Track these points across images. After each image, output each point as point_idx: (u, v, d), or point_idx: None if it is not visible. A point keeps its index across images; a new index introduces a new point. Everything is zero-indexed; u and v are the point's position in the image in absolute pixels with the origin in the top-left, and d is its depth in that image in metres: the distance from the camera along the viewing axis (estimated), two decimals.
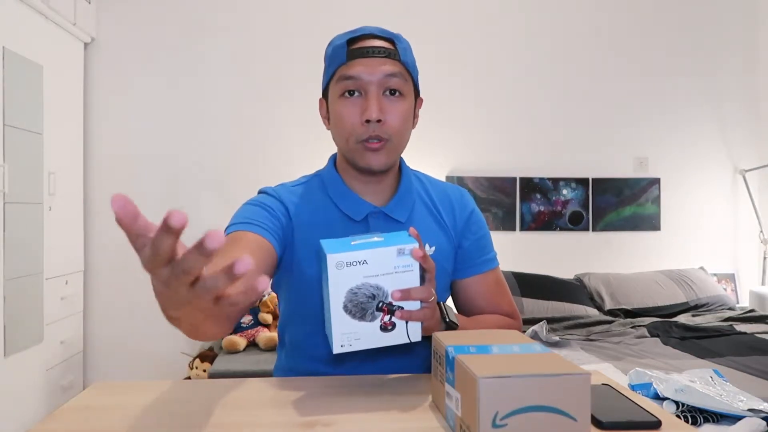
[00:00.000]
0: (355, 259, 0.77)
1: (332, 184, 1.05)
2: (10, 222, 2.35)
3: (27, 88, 2.52)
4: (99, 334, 3.18)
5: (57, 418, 0.74)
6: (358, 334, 0.80)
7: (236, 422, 0.73)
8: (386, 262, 0.78)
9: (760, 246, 3.54)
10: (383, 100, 0.96)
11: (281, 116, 3.28)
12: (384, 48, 0.97)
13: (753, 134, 3.63)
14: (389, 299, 0.79)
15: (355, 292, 0.78)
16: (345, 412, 0.76)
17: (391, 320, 0.80)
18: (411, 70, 1.01)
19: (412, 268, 0.79)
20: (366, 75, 0.95)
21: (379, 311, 0.79)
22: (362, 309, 0.79)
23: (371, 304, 0.79)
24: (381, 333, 0.80)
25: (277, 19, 3.31)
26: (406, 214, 1.03)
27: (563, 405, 0.61)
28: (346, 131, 0.98)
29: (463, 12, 3.43)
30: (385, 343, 0.81)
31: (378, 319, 0.80)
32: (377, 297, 0.79)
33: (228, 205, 3.21)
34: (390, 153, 0.99)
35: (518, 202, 3.44)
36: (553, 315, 2.89)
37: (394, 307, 0.80)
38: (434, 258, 1.02)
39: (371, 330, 0.80)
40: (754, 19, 3.65)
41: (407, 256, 0.79)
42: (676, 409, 1.53)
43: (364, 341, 0.80)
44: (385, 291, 0.79)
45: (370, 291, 0.79)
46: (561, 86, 3.50)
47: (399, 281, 0.79)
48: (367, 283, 0.78)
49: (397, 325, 0.81)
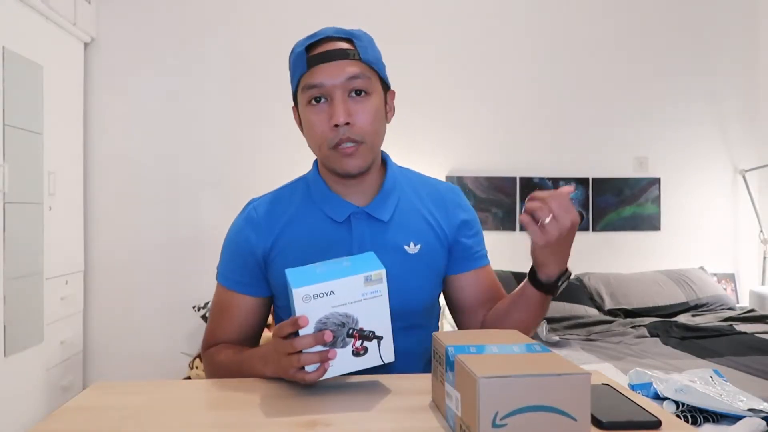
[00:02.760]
0: (321, 291, 0.77)
1: (315, 187, 1.06)
2: (10, 222, 2.35)
3: (27, 88, 2.52)
4: (99, 334, 3.18)
5: (57, 418, 0.74)
6: (333, 362, 0.80)
7: (236, 422, 0.73)
8: (353, 290, 0.78)
9: (760, 246, 3.54)
10: (349, 102, 0.96)
11: (281, 116, 3.28)
12: (342, 50, 0.96)
13: (753, 134, 3.63)
14: (359, 325, 0.80)
15: (324, 322, 0.78)
16: (345, 412, 0.76)
17: (363, 345, 0.81)
18: (375, 67, 1.00)
19: (380, 294, 0.80)
20: (328, 80, 0.94)
21: (350, 337, 0.80)
22: (333, 337, 0.79)
23: (341, 332, 0.79)
24: (354, 358, 0.81)
25: (277, 18, 3.31)
26: (389, 213, 1.03)
27: (563, 405, 0.61)
28: (317, 138, 0.98)
29: (464, 12, 3.43)
30: (359, 367, 0.81)
31: (349, 345, 0.80)
32: (347, 324, 0.79)
33: (227, 205, 3.22)
34: (365, 155, 0.98)
35: (518, 202, 3.44)
36: (553, 315, 2.89)
37: (365, 333, 0.80)
38: (421, 257, 1.04)
39: (343, 356, 0.80)
40: (754, 19, 3.65)
41: (375, 282, 0.79)
42: (676, 409, 1.53)
43: (338, 368, 0.80)
44: (354, 318, 0.79)
45: (339, 319, 0.79)
46: (561, 86, 3.50)
47: (368, 308, 0.79)
48: (335, 312, 0.78)
49: (370, 349, 0.81)
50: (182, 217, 3.24)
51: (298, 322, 0.77)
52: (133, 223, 3.21)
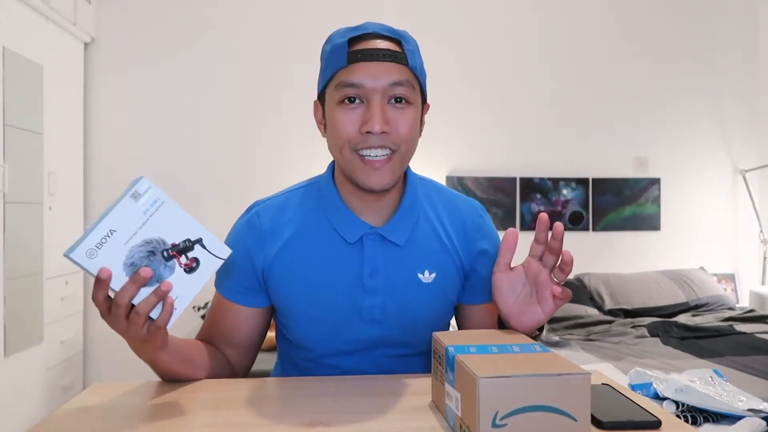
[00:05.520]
0: (98, 237, 0.68)
1: (328, 197, 0.95)
2: (10, 222, 2.35)
3: (27, 88, 2.52)
4: (99, 334, 3.17)
5: (57, 418, 0.74)
6: (174, 292, 0.72)
7: (236, 422, 0.73)
8: (132, 214, 0.70)
9: (760, 246, 3.54)
10: (388, 109, 0.86)
11: (281, 116, 3.28)
12: (390, 51, 0.86)
13: (753, 134, 3.63)
14: (169, 243, 0.71)
15: (131, 263, 0.69)
16: (345, 412, 0.76)
17: (189, 258, 0.72)
18: (419, 75, 0.91)
19: (161, 200, 0.71)
20: (369, 82, 0.84)
21: (170, 259, 0.72)
22: (150, 271, 0.69)
23: (157, 260, 0.71)
24: (192, 276, 0.73)
25: (277, 18, 3.31)
26: (406, 236, 0.94)
27: (563, 405, 0.61)
28: (340, 140, 0.87)
29: (464, 12, 3.43)
30: (205, 279, 0.74)
31: (176, 266, 0.72)
32: (156, 249, 0.71)
33: (228, 205, 3.22)
34: (394, 169, 0.88)
35: (518, 202, 3.44)
36: (553, 315, 2.88)
37: (179, 245, 0.72)
38: (435, 286, 0.95)
39: (180, 280, 0.72)
40: (754, 19, 3.65)
41: (145, 193, 0.70)
42: (676, 409, 1.53)
43: (185, 293, 0.73)
44: (157, 239, 0.70)
45: (144, 250, 0.70)
46: (561, 86, 3.50)
47: (161, 220, 0.70)
48: (133, 246, 0.69)
49: (200, 258, 0.73)
50: None
51: (99, 277, 0.68)
52: None
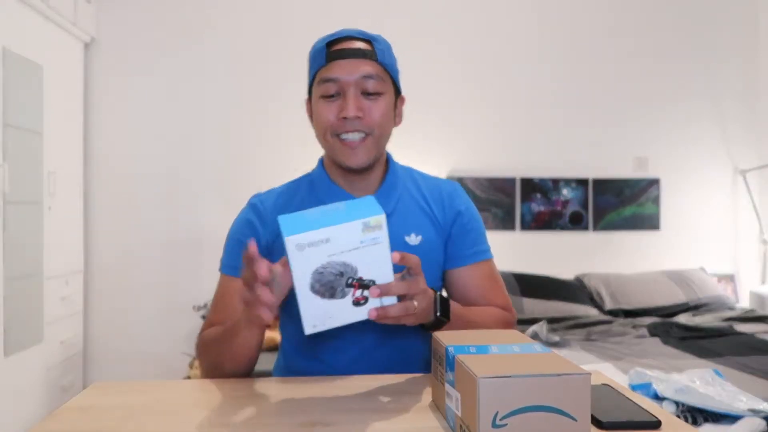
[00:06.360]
0: (316, 238, 0.72)
1: (319, 181, 1.09)
2: (10, 222, 2.35)
3: (27, 88, 2.52)
4: (99, 334, 3.17)
5: (57, 418, 0.74)
6: (330, 312, 0.76)
7: (236, 422, 0.73)
8: (351, 237, 0.73)
9: (760, 246, 3.54)
10: (361, 99, 1.00)
11: (281, 116, 3.28)
12: (361, 49, 1.00)
13: (753, 134, 3.63)
14: (359, 275, 0.75)
15: (321, 272, 0.73)
16: (345, 412, 0.76)
17: (363, 294, 0.76)
18: (390, 70, 1.04)
19: (380, 241, 0.74)
20: (344, 76, 0.99)
21: (349, 287, 0.75)
22: (331, 288, 0.74)
23: (340, 282, 0.74)
24: (354, 308, 0.76)
25: (277, 19, 3.31)
26: (391, 205, 1.05)
27: (563, 405, 0.61)
28: (323, 127, 1.02)
29: (464, 12, 3.43)
30: (360, 317, 0.77)
31: (349, 295, 0.75)
32: (346, 274, 0.74)
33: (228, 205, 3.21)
34: (369, 149, 1.01)
35: (518, 202, 3.44)
36: (553, 315, 2.89)
37: (365, 282, 0.75)
38: (422, 248, 1.04)
39: (343, 307, 0.76)
40: (754, 19, 3.65)
41: (374, 228, 0.73)
42: (676, 409, 1.53)
43: (337, 319, 0.76)
44: (353, 267, 0.74)
45: (337, 269, 0.74)
46: (561, 86, 3.50)
47: (367, 255, 0.74)
48: (332, 261, 0.73)
49: (370, 300, 0.76)
50: (182, 217, 3.23)
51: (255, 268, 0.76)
52: (133, 223, 3.21)
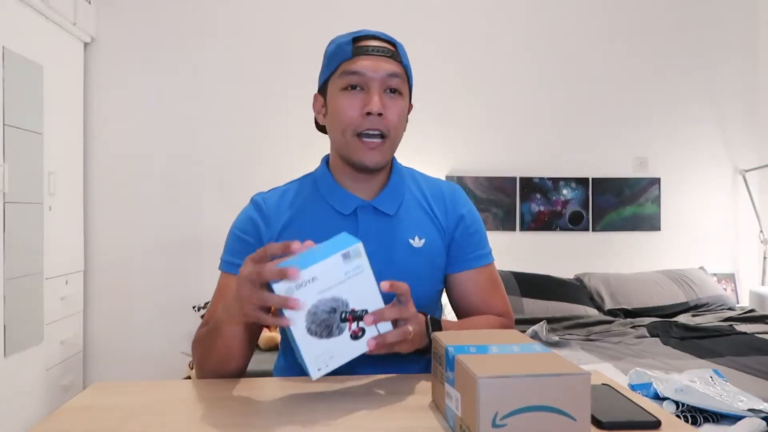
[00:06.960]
0: (303, 278, 0.74)
1: (323, 181, 1.08)
2: (10, 222, 2.35)
3: (27, 88, 2.52)
4: (99, 334, 3.17)
5: (57, 418, 0.74)
6: (331, 352, 0.77)
7: (236, 422, 0.73)
8: (335, 271, 0.76)
9: (760, 246, 3.54)
10: (384, 96, 1.00)
11: (281, 116, 3.28)
12: (387, 48, 1.02)
13: (753, 134, 3.63)
14: (350, 307, 0.77)
15: (314, 312, 0.76)
16: (345, 412, 0.76)
17: (359, 326, 0.78)
18: (409, 74, 1.06)
19: (362, 269, 0.77)
20: (370, 71, 0.99)
21: (344, 322, 0.77)
22: (327, 326, 0.76)
23: (334, 318, 0.77)
24: (353, 342, 0.78)
25: (277, 18, 3.31)
26: (395, 208, 1.06)
27: (563, 405, 0.61)
28: (343, 123, 1.00)
29: (464, 12, 3.43)
30: (361, 350, 0.79)
31: (345, 329, 0.78)
32: (338, 309, 0.77)
33: (228, 205, 3.22)
34: (385, 151, 1.02)
35: (518, 202, 3.43)
36: (553, 315, 2.88)
37: (358, 313, 0.78)
38: (425, 251, 1.05)
39: (343, 343, 0.78)
40: (754, 19, 3.65)
41: (354, 257, 0.76)
42: (676, 409, 1.53)
43: (339, 357, 0.78)
44: (343, 300, 0.77)
45: (329, 305, 0.76)
46: (561, 86, 3.50)
47: (354, 286, 0.77)
48: (323, 298, 0.76)
49: (367, 330, 0.79)
50: (182, 217, 3.23)
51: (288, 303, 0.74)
52: (133, 223, 3.21)
